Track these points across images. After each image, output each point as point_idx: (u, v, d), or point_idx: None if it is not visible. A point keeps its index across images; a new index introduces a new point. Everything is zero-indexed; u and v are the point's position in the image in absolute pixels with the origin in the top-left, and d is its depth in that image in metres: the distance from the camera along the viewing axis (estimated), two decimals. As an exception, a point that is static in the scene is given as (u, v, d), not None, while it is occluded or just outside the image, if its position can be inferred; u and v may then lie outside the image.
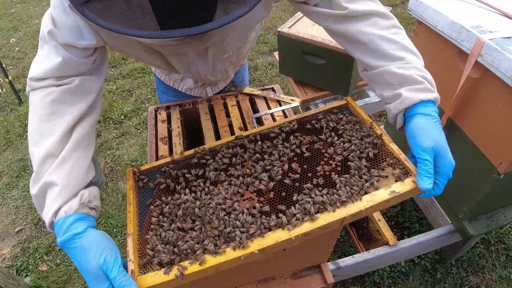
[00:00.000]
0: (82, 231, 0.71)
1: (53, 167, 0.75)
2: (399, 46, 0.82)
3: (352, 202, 0.73)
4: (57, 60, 0.79)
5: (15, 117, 3.18)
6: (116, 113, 3.09)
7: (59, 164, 0.76)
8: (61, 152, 0.77)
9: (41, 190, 0.75)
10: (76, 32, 0.78)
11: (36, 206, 0.78)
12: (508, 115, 1.12)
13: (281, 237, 0.70)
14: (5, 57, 4.18)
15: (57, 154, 0.77)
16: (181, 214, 0.78)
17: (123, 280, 0.66)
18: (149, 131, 1.20)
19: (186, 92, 1.39)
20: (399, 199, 0.75)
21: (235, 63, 1.22)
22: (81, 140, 0.82)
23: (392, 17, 0.88)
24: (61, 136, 0.78)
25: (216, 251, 0.69)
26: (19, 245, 2.19)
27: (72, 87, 0.81)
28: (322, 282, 1.10)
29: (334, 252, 1.96)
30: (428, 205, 1.66)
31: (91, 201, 0.78)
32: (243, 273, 1.03)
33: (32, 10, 5.39)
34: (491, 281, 1.81)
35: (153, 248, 0.73)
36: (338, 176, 0.81)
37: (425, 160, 0.72)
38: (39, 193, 0.75)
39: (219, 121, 1.23)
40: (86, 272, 0.68)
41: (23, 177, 2.63)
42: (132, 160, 2.65)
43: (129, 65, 3.75)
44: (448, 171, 0.74)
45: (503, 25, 1.16)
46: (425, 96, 0.77)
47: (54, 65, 0.79)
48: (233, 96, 1.33)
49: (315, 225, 0.70)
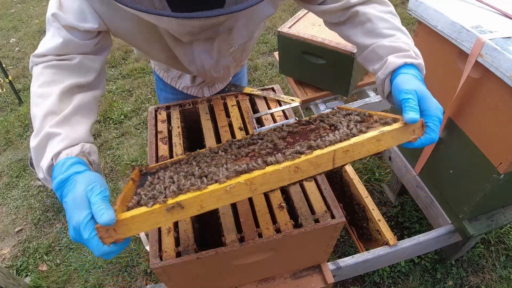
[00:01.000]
0: (82, 171, 0.69)
1: (55, 122, 0.76)
2: (392, 26, 0.88)
3: (342, 141, 0.69)
4: (59, 40, 0.82)
5: (15, 117, 3.18)
6: (116, 113, 3.09)
7: (61, 120, 0.77)
8: (62, 112, 0.79)
9: (41, 141, 0.74)
10: (79, 15, 0.81)
11: (34, 161, 0.77)
12: (508, 115, 1.12)
13: (269, 169, 0.65)
14: (5, 57, 4.18)
15: (58, 112, 0.78)
16: (172, 174, 0.76)
17: (103, 205, 0.61)
18: (149, 131, 1.20)
19: (183, 90, 1.40)
20: (391, 140, 0.71)
21: (238, 61, 1.21)
22: (81, 106, 0.83)
23: (390, 4, 0.93)
24: (60, 96, 0.80)
25: (200, 186, 0.64)
26: (19, 245, 2.19)
27: (72, 63, 0.84)
28: (322, 282, 1.10)
29: (334, 252, 1.96)
30: (428, 205, 1.66)
31: (90, 153, 0.78)
32: (243, 273, 1.03)
33: (32, 10, 5.39)
34: (491, 281, 1.81)
35: (139, 194, 0.70)
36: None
37: (408, 98, 0.72)
38: (40, 143, 0.74)
39: (219, 121, 1.23)
40: (71, 202, 0.64)
41: (23, 177, 2.63)
42: (132, 160, 2.65)
43: (129, 65, 3.75)
44: (437, 111, 0.73)
45: (503, 25, 1.16)
46: (409, 60, 0.80)
47: (55, 44, 0.83)
48: (233, 96, 1.33)
49: (305, 157, 0.66)
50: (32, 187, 2.55)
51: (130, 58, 3.89)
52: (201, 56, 1.05)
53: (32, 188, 2.55)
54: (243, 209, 0.97)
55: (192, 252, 0.86)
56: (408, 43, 0.85)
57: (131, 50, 4.03)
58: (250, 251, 0.91)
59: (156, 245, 0.87)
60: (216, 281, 1.02)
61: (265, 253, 0.94)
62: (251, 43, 1.18)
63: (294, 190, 1.01)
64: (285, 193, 1.04)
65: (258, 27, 1.08)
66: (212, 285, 1.04)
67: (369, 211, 1.53)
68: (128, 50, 4.01)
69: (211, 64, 1.10)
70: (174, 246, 0.87)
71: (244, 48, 1.14)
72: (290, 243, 0.93)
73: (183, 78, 1.37)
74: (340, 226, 0.94)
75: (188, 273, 0.92)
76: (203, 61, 1.07)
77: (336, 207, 0.95)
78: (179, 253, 0.86)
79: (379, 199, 2.22)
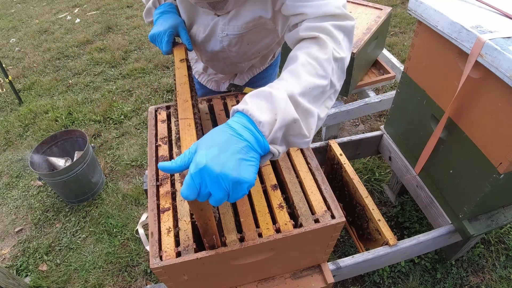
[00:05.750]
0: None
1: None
2: (294, 70, 0.74)
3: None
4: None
5: (15, 117, 3.18)
6: (116, 113, 3.09)
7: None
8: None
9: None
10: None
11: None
12: (508, 115, 1.12)
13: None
14: (5, 57, 4.18)
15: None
16: None
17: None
18: (149, 131, 1.20)
19: (195, 75, 1.58)
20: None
21: (233, 59, 1.27)
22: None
23: (328, 52, 0.77)
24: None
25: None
26: (19, 245, 2.19)
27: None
28: (322, 282, 1.10)
29: (334, 252, 1.96)
30: (428, 205, 1.66)
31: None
32: (243, 273, 1.03)
33: (32, 10, 5.39)
34: (491, 281, 1.81)
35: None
36: None
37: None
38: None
39: (219, 121, 1.23)
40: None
41: (23, 177, 2.63)
42: (132, 160, 2.65)
43: (129, 65, 3.75)
44: (190, 170, 0.63)
45: (503, 25, 1.16)
46: (237, 106, 0.69)
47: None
48: (233, 96, 1.33)
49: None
50: (32, 187, 2.55)
51: (130, 58, 3.89)
52: (199, 26, 1.20)
53: (32, 188, 2.55)
54: (243, 209, 0.97)
55: (192, 252, 0.86)
56: (275, 87, 0.69)
57: (131, 50, 4.03)
58: (250, 251, 0.91)
59: (156, 245, 0.87)
60: (216, 281, 1.02)
61: (265, 253, 0.94)
62: (246, 44, 1.20)
63: (294, 190, 1.01)
64: (285, 193, 1.04)
65: (248, 26, 1.10)
66: (212, 285, 1.04)
67: (369, 211, 1.53)
68: (128, 50, 4.01)
69: (202, 38, 1.21)
70: (174, 246, 0.87)
71: (237, 43, 1.18)
72: (290, 243, 0.93)
73: (198, 63, 1.52)
74: (340, 226, 0.94)
75: (188, 273, 0.92)
76: (197, 31, 1.21)
77: (336, 207, 0.95)
78: (179, 253, 0.86)
79: (379, 199, 2.22)
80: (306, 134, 0.70)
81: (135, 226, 2.20)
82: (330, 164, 1.87)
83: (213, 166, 0.60)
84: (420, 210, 2.03)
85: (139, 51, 4.02)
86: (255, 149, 0.64)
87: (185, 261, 0.84)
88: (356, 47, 1.99)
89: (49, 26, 4.78)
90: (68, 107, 3.22)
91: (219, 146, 0.61)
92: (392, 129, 1.83)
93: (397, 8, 4.18)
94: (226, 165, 0.60)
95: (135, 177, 2.54)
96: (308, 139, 0.71)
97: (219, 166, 0.60)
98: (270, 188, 1.01)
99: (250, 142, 0.63)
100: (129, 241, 2.13)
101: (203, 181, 0.61)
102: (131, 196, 2.39)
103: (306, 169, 1.07)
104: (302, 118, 0.69)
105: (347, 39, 0.83)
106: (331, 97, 0.79)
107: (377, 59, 2.52)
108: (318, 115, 0.73)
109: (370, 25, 2.17)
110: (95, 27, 4.59)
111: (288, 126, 0.67)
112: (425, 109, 1.52)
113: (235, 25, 1.10)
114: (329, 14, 0.82)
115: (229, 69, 1.40)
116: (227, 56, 1.26)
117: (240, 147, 0.62)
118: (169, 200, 0.97)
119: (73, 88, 3.52)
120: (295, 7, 0.86)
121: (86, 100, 3.31)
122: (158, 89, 3.38)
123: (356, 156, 2.02)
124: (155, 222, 0.92)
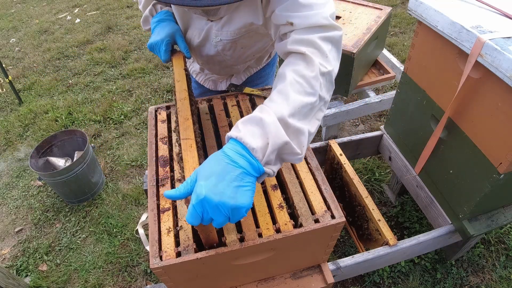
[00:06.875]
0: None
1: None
2: (283, 90, 0.76)
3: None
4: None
5: (15, 117, 3.19)
6: (116, 113, 3.09)
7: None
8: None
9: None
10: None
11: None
12: (508, 115, 1.12)
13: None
14: (5, 57, 4.18)
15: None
16: None
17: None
18: (149, 131, 1.20)
19: (193, 75, 1.58)
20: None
21: (228, 62, 1.28)
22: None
23: (315, 70, 0.78)
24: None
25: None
26: (19, 245, 2.19)
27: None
28: (322, 282, 1.10)
29: (334, 252, 1.96)
30: (428, 205, 1.66)
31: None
32: (243, 273, 1.03)
33: (32, 10, 5.39)
34: (491, 281, 1.81)
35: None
36: None
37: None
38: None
39: (219, 121, 1.23)
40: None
41: (23, 177, 2.63)
42: (132, 160, 2.65)
43: (129, 65, 3.75)
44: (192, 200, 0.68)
45: (503, 25, 1.16)
46: (231, 133, 0.71)
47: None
48: (233, 96, 1.33)
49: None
50: (32, 187, 2.55)
51: (130, 58, 3.89)
52: (193, 31, 1.20)
53: (32, 188, 2.55)
54: (243, 209, 0.97)
55: (192, 252, 0.86)
56: (265, 110, 0.72)
57: (131, 50, 4.03)
58: (250, 251, 0.91)
59: (156, 245, 0.87)
60: (216, 281, 1.02)
61: (265, 253, 0.94)
62: (240, 48, 1.21)
63: (294, 190, 1.02)
64: (285, 193, 1.04)
65: (240, 32, 1.10)
66: (212, 285, 1.04)
67: (369, 211, 1.53)
68: (128, 50, 4.01)
69: (197, 43, 1.22)
70: (174, 246, 0.87)
71: (231, 48, 1.19)
72: (290, 243, 0.93)
73: (195, 63, 1.52)
74: (340, 226, 0.94)
75: (188, 273, 0.92)
76: (192, 36, 1.22)
77: (336, 207, 0.95)
78: (179, 253, 0.86)
79: (379, 199, 2.22)
80: (298, 152, 0.74)
81: (135, 226, 2.20)
82: (330, 164, 1.87)
83: (212, 196, 0.65)
84: (420, 210, 2.03)
85: (139, 51, 4.02)
86: (250, 174, 0.68)
87: (185, 261, 0.84)
88: (356, 47, 1.99)
89: (49, 26, 4.78)
90: (68, 107, 3.22)
91: (216, 175, 0.66)
92: (392, 129, 1.83)
93: (397, 8, 4.18)
94: (224, 194, 0.65)
95: (135, 177, 2.54)
96: (301, 155, 0.74)
97: (218, 196, 0.65)
98: (270, 188, 1.01)
99: (245, 168, 0.67)
100: (129, 241, 2.13)
101: (204, 209, 0.66)
102: (131, 196, 2.39)
103: (306, 169, 1.07)
104: (293, 138, 0.73)
105: (335, 49, 0.85)
106: (322, 108, 0.82)
107: (377, 59, 2.52)
108: (308, 131, 0.77)
109: (370, 25, 2.17)
110: (95, 27, 4.59)
111: (280, 148, 0.71)
112: (425, 109, 1.52)
113: (228, 31, 1.11)
114: (316, 25, 0.82)
115: (225, 71, 1.42)
116: (223, 60, 1.27)
117: (236, 175, 0.66)
118: (169, 200, 0.97)
119: (73, 88, 3.52)
120: (283, 16, 0.86)
121: (86, 100, 3.31)
122: (158, 89, 3.38)
123: (356, 156, 2.02)
124: (155, 222, 0.92)
